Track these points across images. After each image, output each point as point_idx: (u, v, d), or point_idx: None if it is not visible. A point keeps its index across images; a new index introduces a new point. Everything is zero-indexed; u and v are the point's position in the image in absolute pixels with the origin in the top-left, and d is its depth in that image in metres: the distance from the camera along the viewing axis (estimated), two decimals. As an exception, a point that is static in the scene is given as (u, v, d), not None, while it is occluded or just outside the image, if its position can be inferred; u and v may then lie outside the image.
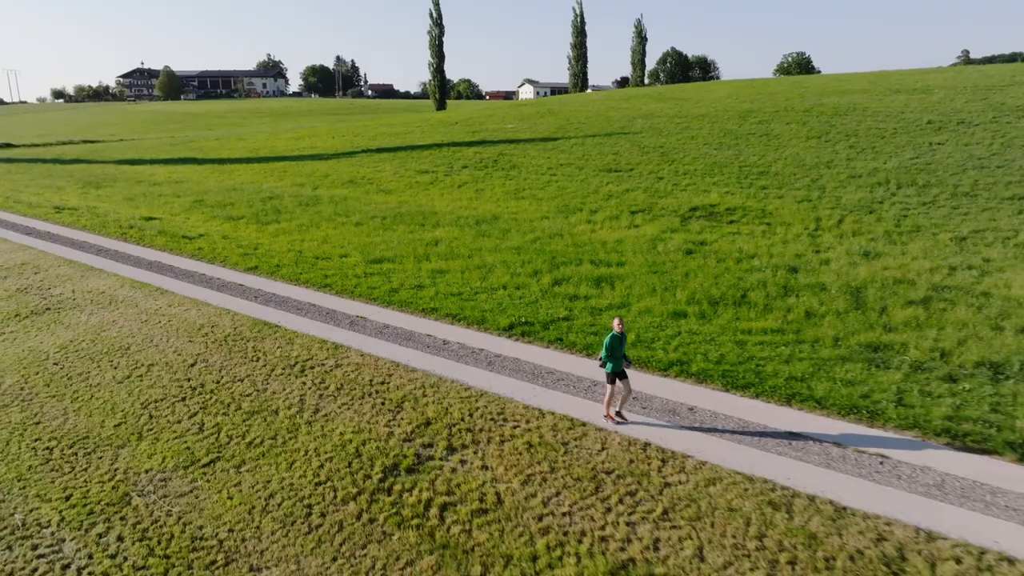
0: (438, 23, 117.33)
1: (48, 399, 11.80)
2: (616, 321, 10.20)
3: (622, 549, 7.44)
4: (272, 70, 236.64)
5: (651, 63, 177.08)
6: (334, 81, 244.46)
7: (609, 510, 8.12)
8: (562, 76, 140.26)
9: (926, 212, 25.29)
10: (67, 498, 8.98)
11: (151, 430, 10.65)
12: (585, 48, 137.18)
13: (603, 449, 9.45)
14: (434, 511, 8.28)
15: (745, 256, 20.52)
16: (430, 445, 9.81)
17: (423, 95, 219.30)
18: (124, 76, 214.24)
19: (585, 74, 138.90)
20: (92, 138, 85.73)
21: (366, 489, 8.81)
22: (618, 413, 10.39)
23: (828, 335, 13.72)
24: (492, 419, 10.45)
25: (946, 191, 27.85)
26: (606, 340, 10.08)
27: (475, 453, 9.53)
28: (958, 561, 7.04)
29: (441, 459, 9.44)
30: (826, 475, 8.68)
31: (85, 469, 9.64)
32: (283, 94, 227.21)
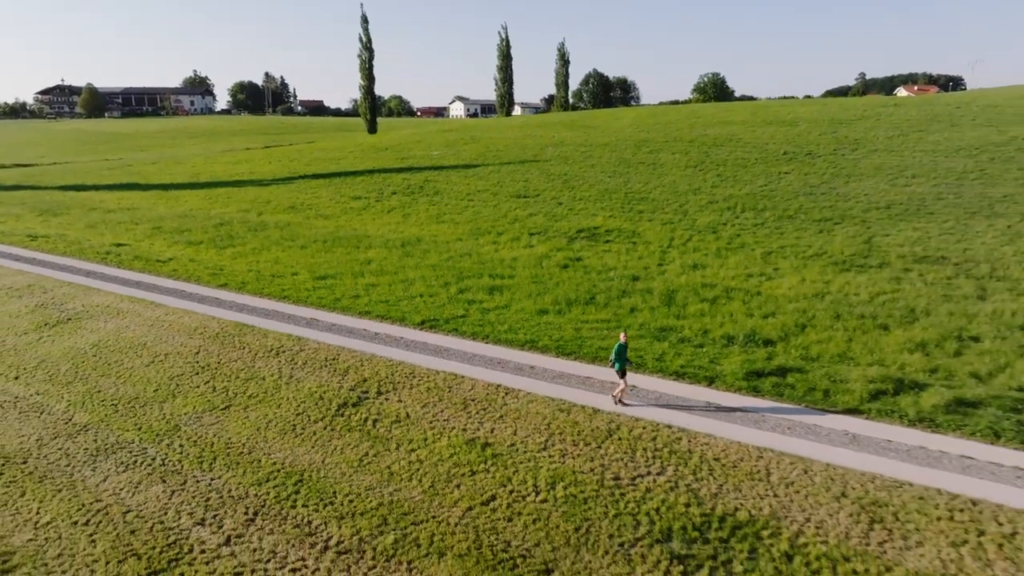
0: (368, 47, 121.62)
1: (99, 377, 17.14)
2: (622, 334, 14.50)
3: (474, 432, 13.65)
4: (199, 87, 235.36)
5: (575, 83, 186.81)
6: (263, 98, 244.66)
7: (470, 416, 14.34)
8: (492, 91, 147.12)
9: (754, 232, 32.61)
10: (139, 428, 14.51)
11: (180, 392, 16.22)
12: (511, 71, 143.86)
13: (472, 388, 15.68)
14: (369, 423, 14.29)
15: (606, 269, 27.14)
16: (366, 392, 15.80)
17: (354, 112, 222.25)
18: (43, 93, 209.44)
19: (511, 95, 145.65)
20: (23, 161, 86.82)
21: (328, 415, 14.73)
22: (620, 401, 14.73)
23: (637, 322, 20.37)
24: (406, 376, 16.53)
25: (776, 214, 35.39)
26: (615, 347, 14.21)
27: (394, 394, 15.58)
28: (631, 429, 13.55)
29: (373, 399, 15.44)
30: (597, 396, 15.15)
31: (143, 415, 15.16)
32: (211, 111, 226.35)
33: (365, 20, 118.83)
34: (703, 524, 10.61)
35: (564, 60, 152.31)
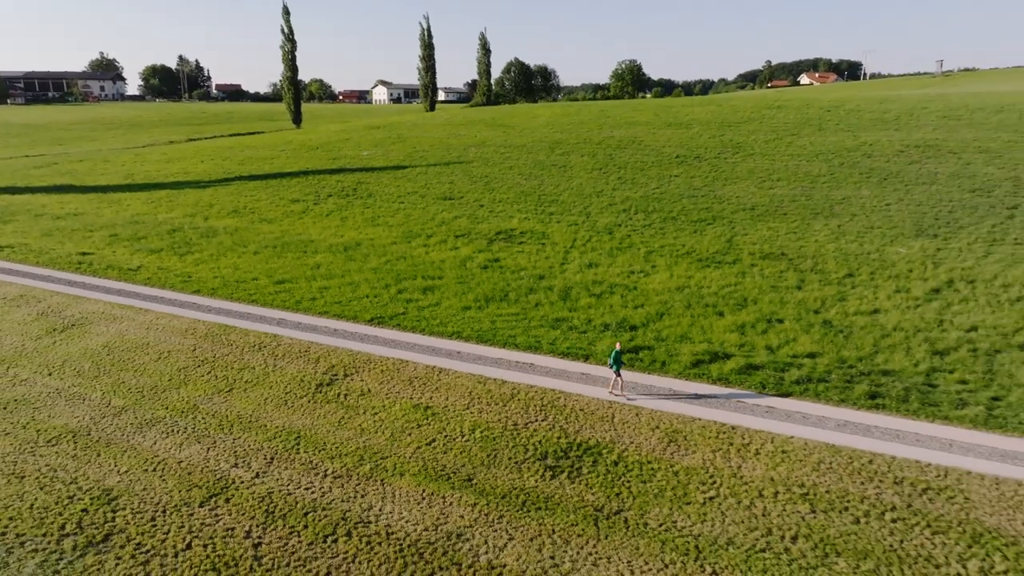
0: (290, 38, 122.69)
1: (119, 372, 21.88)
2: (617, 344, 20.05)
3: (418, 400, 19.45)
4: (109, 71, 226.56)
5: (497, 71, 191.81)
6: (178, 82, 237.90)
7: (415, 389, 20.10)
8: (416, 77, 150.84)
9: (642, 233, 39.10)
10: (166, 408, 19.53)
11: (189, 380, 21.23)
12: (433, 60, 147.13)
13: (415, 370, 21.42)
14: (342, 396, 19.83)
15: (518, 268, 33.09)
16: (336, 375, 21.30)
17: (274, 96, 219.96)
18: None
19: (435, 85, 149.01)
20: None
21: (309, 392, 20.17)
22: (623, 395, 20.27)
23: (539, 315, 26.48)
24: (364, 362, 22.10)
25: (662, 216, 42.03)
26: (612, 352, 19.35)
27: (357, 376, 21.14)
28: (527, 393, 19.66)
29: (342, 379, 20.97)
30: (506, 372, 21.17)
31: (166, 398, 20.14)
32: (123, 96, 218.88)
33: (287, 11, 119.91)
34: (567, 448, 16.83)
35: (486, 49, 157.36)
